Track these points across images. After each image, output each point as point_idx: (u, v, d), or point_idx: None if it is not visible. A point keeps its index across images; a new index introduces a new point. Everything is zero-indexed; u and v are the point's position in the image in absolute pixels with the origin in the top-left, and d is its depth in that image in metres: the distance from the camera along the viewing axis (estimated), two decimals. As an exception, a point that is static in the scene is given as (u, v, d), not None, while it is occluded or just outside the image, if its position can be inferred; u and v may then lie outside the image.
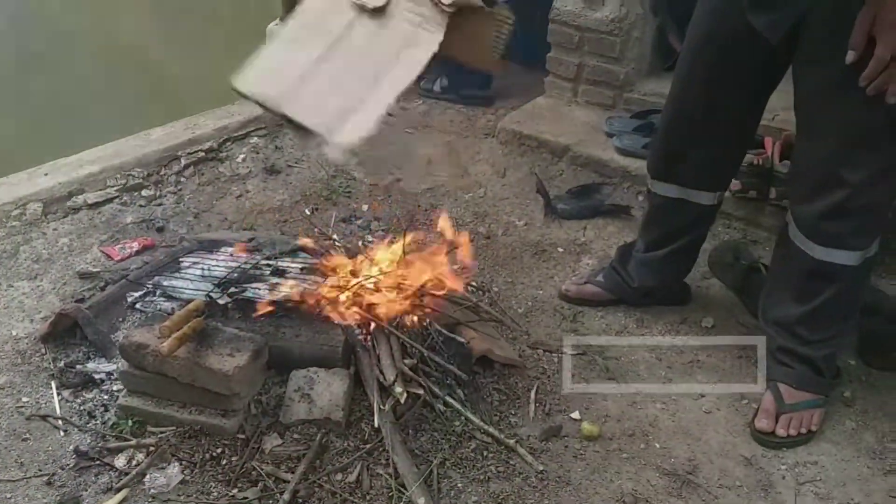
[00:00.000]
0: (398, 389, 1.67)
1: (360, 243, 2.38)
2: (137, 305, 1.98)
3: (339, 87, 1.53)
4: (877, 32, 1.37)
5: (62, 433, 1.72)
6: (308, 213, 2.62)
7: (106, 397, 1.79)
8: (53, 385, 1.83)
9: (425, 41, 1.50)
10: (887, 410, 1.86)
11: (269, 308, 1.79)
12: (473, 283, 2.23)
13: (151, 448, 1.65)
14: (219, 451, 1.65)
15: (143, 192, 2.67)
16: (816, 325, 1.78)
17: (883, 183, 1.60)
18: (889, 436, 1.79)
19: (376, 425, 1.67)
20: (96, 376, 1.83)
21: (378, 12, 1.53)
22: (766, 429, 1.78)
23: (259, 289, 1.89)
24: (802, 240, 1.70)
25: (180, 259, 2.10)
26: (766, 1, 1.56)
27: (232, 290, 1.87)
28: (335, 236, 2.35)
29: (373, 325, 1.81)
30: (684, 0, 2.92)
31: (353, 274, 1.94)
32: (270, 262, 2.01)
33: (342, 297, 1.86)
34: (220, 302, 1.83)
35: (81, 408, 1.77)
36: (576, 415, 1.83)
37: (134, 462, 1.63)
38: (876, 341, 1.99)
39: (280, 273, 1.96)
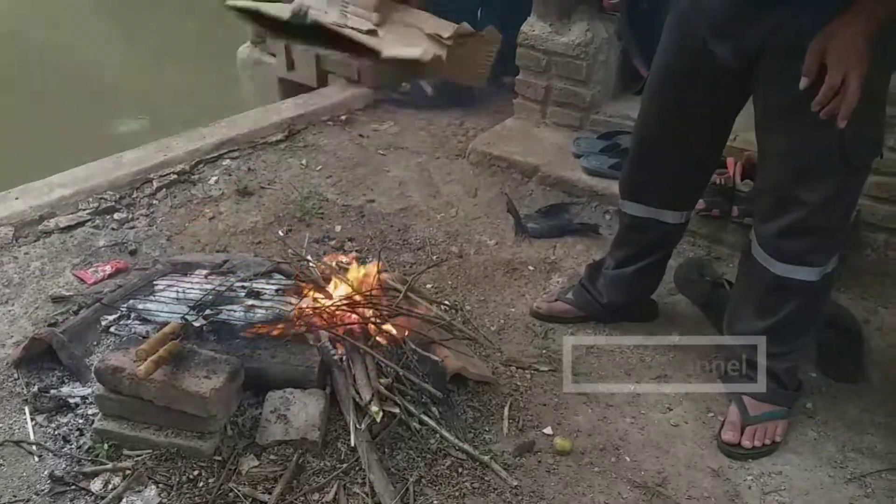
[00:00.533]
0: (374, 408, 1.70)
1: (333, 264, 2.41)
2: (112, 329, 1.98)
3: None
4: (828, 61, 1.44)
5: (36, 459, 1.71)
6: (281, 234, 2.63)
7: (81, 421, 1.78)
8: (27, 410, 1.82)
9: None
10: (846, 421, 1.92)
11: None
12: (447, 302, 2.27)
13: (128, 471, 1.65)
14: (195, 473, 1.66)
15: (116, 215, 2.67)
16: (779, 339, 1.84)
17: (838, 203, 1.67)
18: (849, 445, 1.86)
19: (352, 445, 1.69)
20: (71, 401, 1.83)
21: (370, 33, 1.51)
22: (732, 440, 1.83)
23: (234, 311, 1.90)
24: (764, 257, 1.77)
25: (154, 282, 2.10)
26: (727, 31, 1.63)
27: (207, 312, 1.88)
28: (309, 257, 2.37)
29: (348, 344, 1.84)
30: (648, 24, 3.05)
31: (327, 294, 1.98)
32: (245, 284, 2.03)
33: (317, 318, 1.89)
34: (196, 325, 1.84)
35: (56, 433, 1.77)
36: (548, 430, 1.86)
37: (110, 486, 1.63)
38: (835, 354, 2.06)
39: (255, 295, 1.98)
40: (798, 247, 1.70)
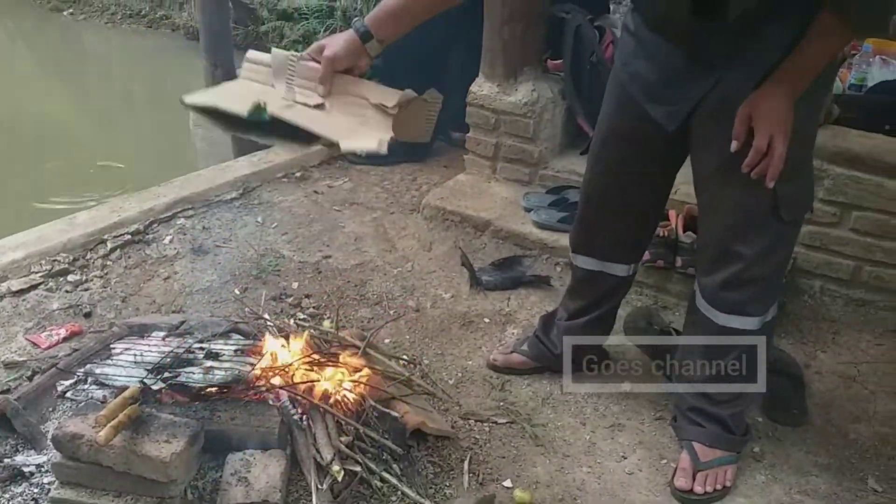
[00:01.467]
0: (335, 468, 1.71)
1: (291, 321, 2.42)
2: (68, 394, 1.95)
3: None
4: (755, 125, 1.55)
5: (-11, 531, 1.68)
6: (238, 292, 2.64)
7: (36, 490, 1.75)
8: (-21, 481, 1.79)
9: (376, 128, 1.52)
10: (792, 463, 2.00)
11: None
12: (405, 357, 2.30)
13: (86, 541, 1.63)
14: (156, 539, 1.64)
15: (69, 278, 2.65)
16: (725, 386, 1.92)
17: (773, 256, 1.77)
18: (795, 487, 1.93)
19: (315, 505, 1.69)
20: (25, 469, 1.79)
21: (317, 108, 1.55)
22: (685, 487, 1.88)
23: (193, 373, 1.90)
24: (707, 307, 1.85)
25: (111, 345, 2.09)
26: (663, 97, 1.74)
27: (166, 375, 1.88)
28: (266, 315, 2.39)
29: (308, 404, 1.85)
30: (590, 84, 3.18)
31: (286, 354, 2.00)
32: (203, 346, 2.03)
33: (276, 379, 1.90)
34: (155, 388, 1.84)
35: (10, 503, 1.73)
36: (508, 483, 1.90)
37: (67, 556, 1.61)
38: (779, 398, 2.15)
39: (213, 356, 1.98)
40: (738, 298, 1.79)
